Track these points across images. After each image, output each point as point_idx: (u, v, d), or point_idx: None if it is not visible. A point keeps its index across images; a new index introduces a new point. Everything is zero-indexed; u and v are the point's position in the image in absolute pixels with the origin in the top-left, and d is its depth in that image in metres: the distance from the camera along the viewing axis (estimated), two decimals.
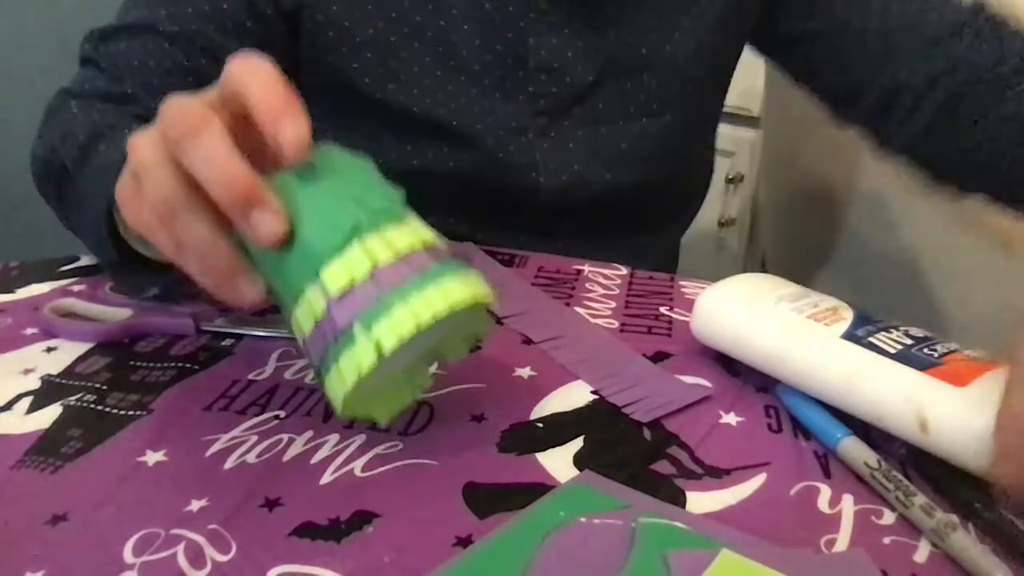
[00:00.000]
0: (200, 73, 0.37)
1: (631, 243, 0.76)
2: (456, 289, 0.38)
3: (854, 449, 0.40)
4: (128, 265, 0.52)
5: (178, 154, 0.37)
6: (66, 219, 0.62)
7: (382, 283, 0.37)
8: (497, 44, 0.68)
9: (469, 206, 0.73)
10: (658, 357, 0.51)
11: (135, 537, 0.37)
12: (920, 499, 0.36)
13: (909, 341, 0.42)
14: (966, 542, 0.34)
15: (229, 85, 0.38)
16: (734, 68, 0.78)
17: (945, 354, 0.41)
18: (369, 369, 0.36)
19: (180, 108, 0.37)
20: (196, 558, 0.36)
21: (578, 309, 0.58)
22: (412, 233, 0.39)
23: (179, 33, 0.65)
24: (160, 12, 0.66)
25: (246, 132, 0.37)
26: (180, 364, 0.52)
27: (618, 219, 0.75)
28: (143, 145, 0.38)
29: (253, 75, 0.38)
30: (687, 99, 0.73)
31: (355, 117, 0.72)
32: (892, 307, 0.87)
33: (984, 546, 0.33)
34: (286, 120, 0.36)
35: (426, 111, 0.69)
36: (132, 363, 0.52)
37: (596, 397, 0.48)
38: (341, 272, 0.37)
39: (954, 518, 0.35)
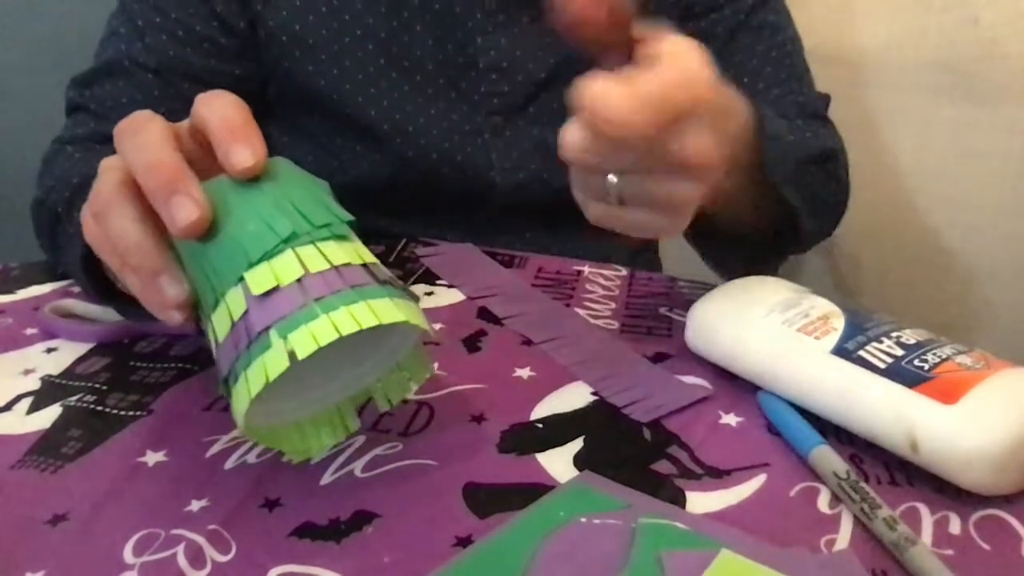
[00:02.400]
0: (186, 99, 0.39)
1: (595, 243, 0.77)
2: (386, 308, 0.36)
3: (824, 458, 0.40)
4: (117, 304, 0.53)
5: (121, 153, 0.39)
6: (60, 264, 0.63)
7: (309, 290, 0.35)
8: (448, 44, 0.69)
9: (424, 207, 0.73)
10: (658, 358, 0.51)
11: (135, 537, 0.37)
12: (884, 512, 0.36)
13: (900, 352, 0.42)
14: (924, 557, 0.34)
15: (194, 116, 0.40)
16: None
17: (937, 364, 0.41)
18: (277, 375, 0.34)
19: (129, 116, 0.39)
20: (196, 558, 0.36)
21: (578, 310, 0.58)
22: (352, 252, 0.38)
23: (159, 63, 0.67)
24: (136, 45, 0.67)
25: (214, 160, 0.38)
26: (180, 364, 0.52)
27: (578, 218, 0.75)
28: (106, 159, 0.40)
29: (213, 104, 0.39)
30: None
31: (315, 125, 0.72)
32: (890, 304, 0.87)
33: (941, 562, 0.33)
34: (237, 145, 0.37)
35: (382, 114, 0.70)
36: (132, 363, 0.52)
37: (596, 397, 0.48)
38: (267, 274, 0.35)
39: (913, 534, 0.35)
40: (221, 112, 0.38)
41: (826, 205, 0.68)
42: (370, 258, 0.39)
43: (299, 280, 0.35)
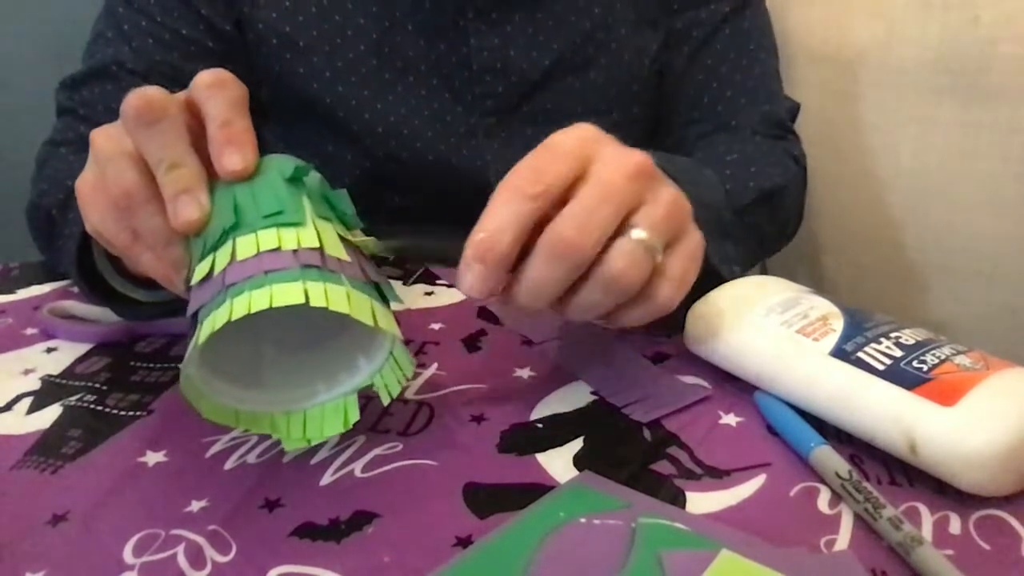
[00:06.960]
0: None
1: None
2: (285, 292, 0.37)
3: (825, 458, 0.40)
4: (113, 305, 0.53)
5: (135, 139, 0.40)
6: (56, 265, 0.63)
7: (226, 280, 0.38)
8: (441, 45, 0.69)
9: (419, 208, 0.73)
10: (658, 358, 0.51)
11: (135, 537, 0.37)
12: (888, 511, 0.36)
13: (899, 353, 0.42)
14: (931, 557, 0.34)
15: (197, 102, 0.41)
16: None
17: (936, 365, 0.41)
18: (202, 345, 0.37)
19: (142, 96, 0.40)
20: (196, 559, 0.36)
21: None
22: (293, 237, 0.39)
23: (147, 68, 0.67)
24: (124, 49, 0.67)
25: (201, 131, 0.40)
26: (180, 364, 0.52)
27: None
28: (105, 137, 0.41)
29: (215, 93, 0.40)
30: (634, 96, 0.73)
31: (309, 131, 0.72)
32: (889, 304, 0.87)
33: (949, 562, 0.33)
34: (230, 149, 0.39)
35: (375, 116, 0.69)
36: (132, 363, 0.52)
37: (596, 397, 0.48)
38: (205, 266, 0.39)
39: (920, 533, 0.35)
40: (223, 115, 0.40)
41: (771, 237, 0.70)
42: (313, 243, 0.39)
43: (224, 270, 0.38)
